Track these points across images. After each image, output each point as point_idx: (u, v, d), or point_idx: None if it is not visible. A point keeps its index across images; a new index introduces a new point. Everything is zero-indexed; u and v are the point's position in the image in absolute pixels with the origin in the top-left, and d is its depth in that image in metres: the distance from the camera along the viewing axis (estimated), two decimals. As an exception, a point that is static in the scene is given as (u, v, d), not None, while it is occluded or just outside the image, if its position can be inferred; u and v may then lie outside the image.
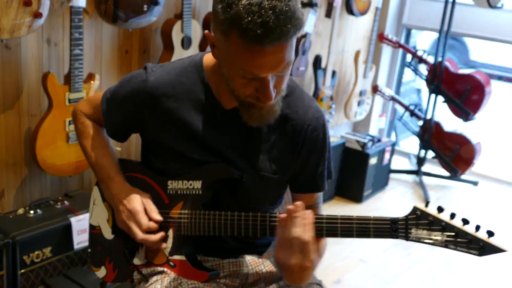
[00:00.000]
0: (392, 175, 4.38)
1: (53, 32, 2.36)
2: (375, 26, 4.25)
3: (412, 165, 4.65)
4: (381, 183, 4.23)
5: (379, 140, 4.09)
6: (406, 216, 1.23)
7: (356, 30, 4.31)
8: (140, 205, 1.39)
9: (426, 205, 1.23)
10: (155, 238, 1.37)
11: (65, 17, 2.33)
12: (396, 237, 1.24)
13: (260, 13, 1.10)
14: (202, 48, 2.88)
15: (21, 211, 2.22)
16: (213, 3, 1.20)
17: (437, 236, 1.20)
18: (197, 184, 1.41)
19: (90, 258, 1.61)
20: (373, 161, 3.95)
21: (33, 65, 2.33)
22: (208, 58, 1.41)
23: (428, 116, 4.25)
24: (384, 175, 4.24)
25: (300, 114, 1.43)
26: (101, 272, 1.56)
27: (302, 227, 1.22)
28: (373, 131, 4.76)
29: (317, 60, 3.82)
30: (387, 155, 4.15)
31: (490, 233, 1.18)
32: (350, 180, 3.96)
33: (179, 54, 2.72)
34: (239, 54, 1.18)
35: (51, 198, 2.36)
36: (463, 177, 4.36)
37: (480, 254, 1.18)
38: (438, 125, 4.31)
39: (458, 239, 1.18)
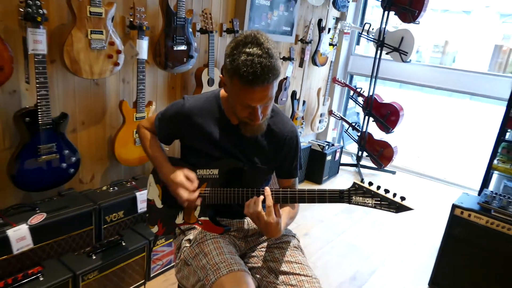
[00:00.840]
0: (341, 167, 4.35)
1: (126, 74, 2.35)
2: (330, 72, 4.24)
3: (353, 161, 4.62)
4: (334, 172, 4.20)
5: (332, 145, 4.07)
6: (349, 188, 1.22)
7: (319, 75, 4.30)
8: (183, 176, 1.38)
9: (362, 181, 1.21)
10: (195, 196, 1.36)
11: (134, 65, 2.32)
12: (343, 202, 1.22)
13: (251, 66, 1.11)
14: (220, 85, 2.86)
15: (104, 187, 2.21)
16: (224, 58, 1.21)
17: (369, 201, 1.18)
18: (215, 172, 1.40)
19: (148, 220, 1.60)
20: (328, 158, 3.93)
21: (113, 95, 2.32)
22: (223, 92, 1.41)
23: (364, 130, 4.23)
24: (336, 167, 4.21)
25: (281, 128, 1.43)
26: (155, 229, 1.54)
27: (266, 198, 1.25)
28: (329, 139, 4.73)
29: (294, 94, 3.80)
30: (337, 154, 4.13)
31: (403, 198, 1.17)
32: (314, 170, 3.94)
33: (205, 89, 2.70)
34: (238, 92, 1.18)
35: (123, 180, 2.34)
36: (385, 168, 4.34)
37: (397, 212, 1.16)
38: (370, 135, 4.30)
39: (382, 202, 1.17)
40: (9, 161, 1.86)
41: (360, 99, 4.29)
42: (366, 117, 4.19)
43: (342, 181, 4.14)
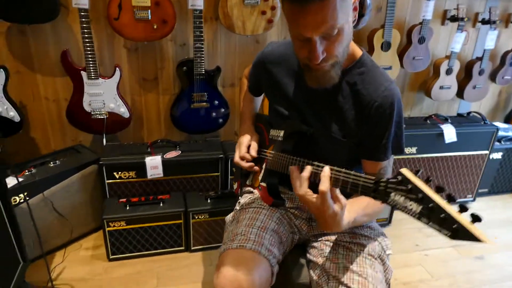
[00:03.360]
0: None
1: (287, 32, 2.23)
2: None
3: None
4: None
5: None
6: (388, 178, 0.75)
7: None
8: (246, 140, 1.22)
9: (416, 173, 0.70)
10: (244, 165, 1.19)
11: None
12: (375, 197, 0.76)
13: None
14: (398, 51, 2.33)
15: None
16: None
17: (412, 206, 0.69)
18: (281, 133, 1.16)
19: (234, 176, 1.50)
20: None
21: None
22: None
23: None
24: None
25: (370, 90, 1.01)
26: (234, 186, 1.44)
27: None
28: None
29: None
30: None
31: (476, 218, 0.63)
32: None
33: (378, 55, 2.26)
34: (288, 16, 0.89)
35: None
36: None
37: (453, 237, 0.64)
38: None
39: (432, 213, 0.66)
40: (172, 103, 2.13)
41: None
42: None
43: None
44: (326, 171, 0.86)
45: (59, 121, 2.13)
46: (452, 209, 0.63)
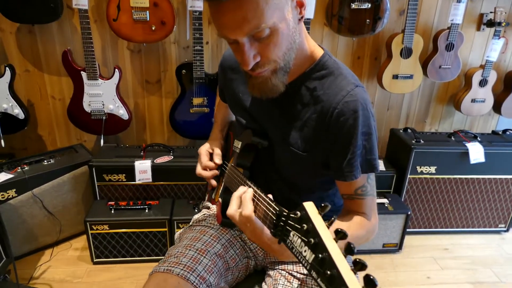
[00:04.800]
0: None
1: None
2: None
3: None
4: None
5: None
6: (288, 213, 0.60)
7: None
8: (204, 150, 1.13)
9: (322, 209, 0.55)
10: (207, 174, 1.08)
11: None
12: (275, 235, 0.62)
13: None
14: (421, 59, 2.11)
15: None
16: None
17: (307, 253, 0.54)
18: (239, 145, 1.04)
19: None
20: None
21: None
22: None
23: None
24: None
25: (330, 96, 0.86)
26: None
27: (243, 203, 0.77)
28: None
29: None
30: None
31: (369, 283, 0.46)
32: None
33: (396, 62, 2.06)
34: (211, 17, 0.78)
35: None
36: None
37: None
38: None
39: (323, 269, 0.51)
40: (171, 107, 2.09)
41: None
42: None
43: None
44: (249, 192, 0.76)
45: (65, 119, 2.17)
46: (345, 265, 0.48)
